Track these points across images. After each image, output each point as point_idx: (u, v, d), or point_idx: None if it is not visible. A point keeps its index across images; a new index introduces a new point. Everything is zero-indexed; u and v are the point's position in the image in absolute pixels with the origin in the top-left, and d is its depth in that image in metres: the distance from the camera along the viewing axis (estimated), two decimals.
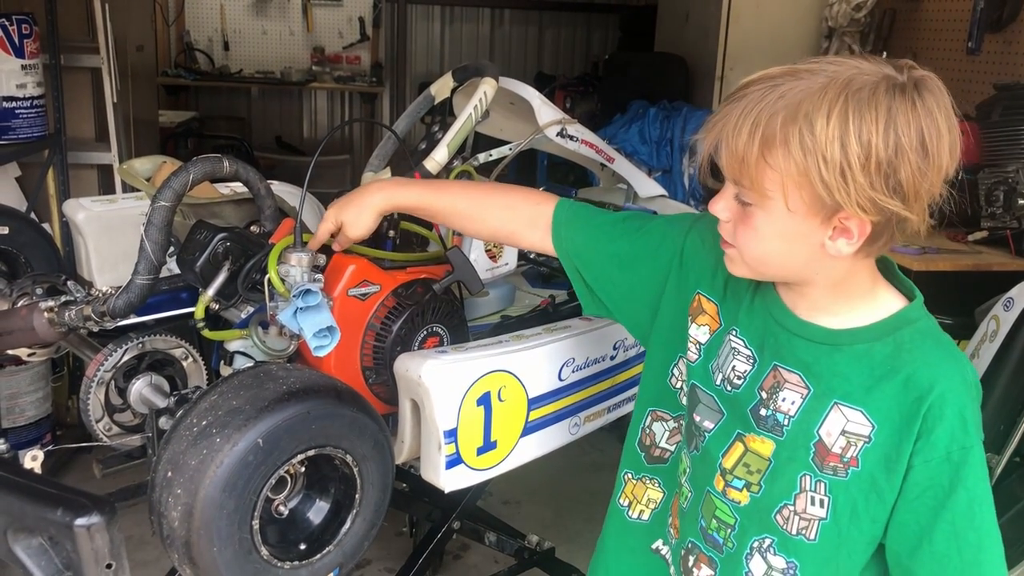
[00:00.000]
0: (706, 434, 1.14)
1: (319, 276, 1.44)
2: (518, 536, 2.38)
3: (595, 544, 1.39)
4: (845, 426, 1.01)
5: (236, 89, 7.30)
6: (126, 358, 1.55)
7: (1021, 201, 2.68)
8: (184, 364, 1.62)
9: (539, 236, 1.30)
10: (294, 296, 1.35)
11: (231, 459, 1.18)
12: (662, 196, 2.68)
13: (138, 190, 2.31)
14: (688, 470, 1.20)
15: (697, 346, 1.18)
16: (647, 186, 2.65)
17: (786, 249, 0.99)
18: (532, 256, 2.51)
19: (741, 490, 1.09)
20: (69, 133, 3.43)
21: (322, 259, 1.46)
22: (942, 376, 0.99)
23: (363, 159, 7.18)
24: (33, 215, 3.03)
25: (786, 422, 1.06)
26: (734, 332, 1.13)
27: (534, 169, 4.95)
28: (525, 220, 1.31)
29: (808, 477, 1.04)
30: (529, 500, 3.26)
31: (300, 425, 1.23)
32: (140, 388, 1.57)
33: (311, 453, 1.26)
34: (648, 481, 1.29)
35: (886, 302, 1.05)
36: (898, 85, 0.91)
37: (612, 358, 1.72)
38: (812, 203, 0.94)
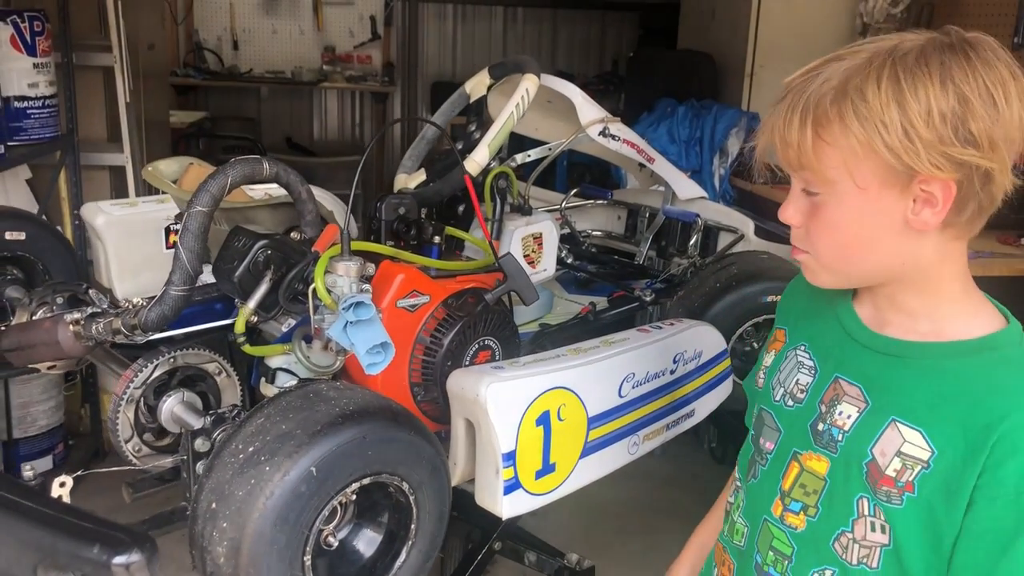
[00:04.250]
0: (768, 456, 1.07)
1: (367, 287, 1.33)
2: (558, 555, 2.28)
3: (627, 558, 1.29)
4: (901, 447, 0.92)
5: (246, 89, 7.19)
6: (157, 374, 1.45)
7: None
8: (217, 379, 1.52)
9: None
10: (343, 309, 1.25)
11: (282, 490, 1.08)
12: (702, 198, 2.58)
13: (159, 192, 2.21)
14: (743, 503, 1.12)
15: (764, 371, 1.13)
16: (687, 188, 2.55)
17: (867, 235, 0.92)
18: (569, 261, 2.41)
19: (798, 513, 1.02)
20: (80, 134, 3.32)
21: (371, 268, 1.36)
22: (1019, 405, 0.88)
23: (376, 161, 7.07)
24: (44, 219, 2.92)
25: (840, 437, 0.98)
26: (802, 347, 1.07)
27: (553, 169, 4.84)
28: None
29: (866, 501, 0.95)
30: (556, 511, 3.15)
31: (356, 451, 1.13)
32: (171, 406, 1.47)
33: (366, 481, 1.16)
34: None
35: (982, 320, 0.95)
36: (946, 43, 0.86)
37: (672, 372, 1.62)
38: (883, 174, 0.87)
